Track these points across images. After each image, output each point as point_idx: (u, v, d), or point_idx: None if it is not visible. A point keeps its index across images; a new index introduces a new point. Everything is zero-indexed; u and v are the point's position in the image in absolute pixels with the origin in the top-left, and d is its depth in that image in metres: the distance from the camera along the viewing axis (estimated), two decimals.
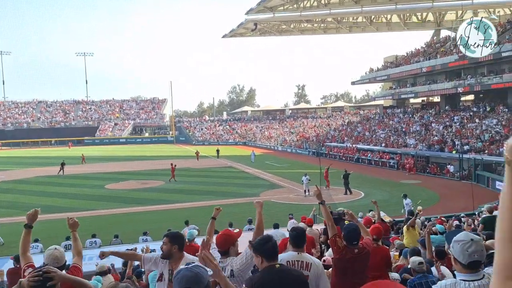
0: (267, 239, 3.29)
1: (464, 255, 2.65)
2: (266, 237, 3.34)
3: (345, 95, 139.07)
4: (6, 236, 17.69)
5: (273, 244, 3.26)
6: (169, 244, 4.05)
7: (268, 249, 3.20)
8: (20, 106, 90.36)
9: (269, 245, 3.21)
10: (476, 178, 28.28)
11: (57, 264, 3.76)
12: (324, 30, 64.95)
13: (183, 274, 2.26)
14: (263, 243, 3.23)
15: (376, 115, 60.96)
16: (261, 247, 3.21)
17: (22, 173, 38.80)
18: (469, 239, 2.68)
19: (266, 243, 3.23)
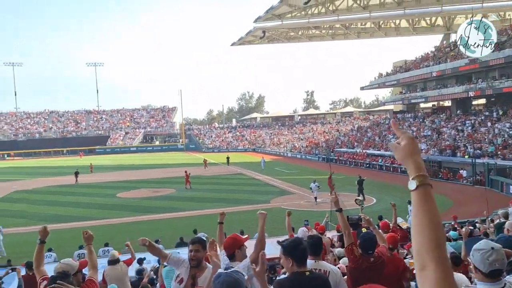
0: (299, 242, 3.22)
1: (484, 264, 2.60)
2: (298, 240, 3.28)
3: (354, 101, 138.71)
4: (18, 246, 17.85)
5: (305, 247, 3.21)
6: (202, 251, 3.99)
7: (299, 253, 3.14)
8: (32, 117, 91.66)
9: (301, 248, 3.15)
10: (490, 183, 27.88)
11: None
12: (332, 36, 64.99)
13: (224, 280, 2.34)
14: (295, 246, 3.16)
15: (386, 120, 60.60)
16: (292, 250, 3.15)
17: (34, 183, 39.24)
18: (489, 248, 2.64)
19: (298, 246, 3.16)
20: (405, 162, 1.48)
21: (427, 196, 1.39)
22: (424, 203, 1.37)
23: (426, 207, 1.36)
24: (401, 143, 1.50)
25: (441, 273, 1.23)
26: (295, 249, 3.15)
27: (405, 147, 1.48)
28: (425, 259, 1.27)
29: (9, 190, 34.78)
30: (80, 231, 15.80)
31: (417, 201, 1.38)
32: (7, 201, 30.03)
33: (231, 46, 68.56)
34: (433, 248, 1.27)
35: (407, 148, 1.47)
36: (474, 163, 30.59)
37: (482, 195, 18.67)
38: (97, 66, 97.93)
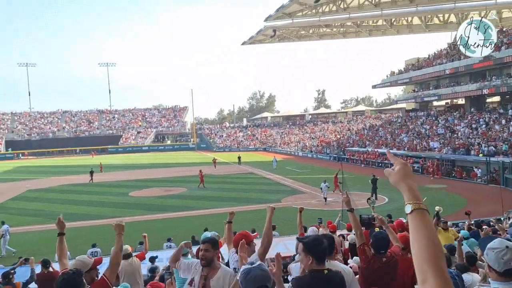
0: (321, 240, 3.21)
1: (499, 263, 2.55)
2: (319, 238, 3.26)
3: (366, 99, 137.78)
4: (32, 244, 18.10)
5: (325, 246, 3.21)
6: (212, 250, 3.97)
7: (320, 251, 3.14)
8: (45, 116, 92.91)
9: (322, 247, 3.15)
10: (505, 182, 27.44)
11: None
12: (344, 35, 64.53)
13: (255, 274, 2.36)
14: (317, 244, 3.15)
15: (398, 118, 60.07)
16: (313, 248, 3.14)
17: (48, 182, 39.76)
18: (504, 247, 2.57)
19: (319, 244, 3.15)
20: (399, 186, 1.65)
21: (423, 219, 1.54)
22: (420, 226, 1.52)
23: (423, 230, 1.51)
24: (395, 168, 1.69)
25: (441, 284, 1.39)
26: (316, 247, 3.13)
27: (399, 171, 1.67)
28: (426, 273, 1.42)
29: (23, 189, 35.29)
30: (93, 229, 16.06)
31: (414, 224, 1.54)
32: (21, 200, 30.48)
33: (241, 45, 68.57)
34: (432, 263, 1.42)
35: (400, 173, 1.66)
36: (489, 162, 30.14)
37: (496, 194, 18.42)
38: (109, 66, 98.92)
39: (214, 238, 4.28)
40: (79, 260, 3.90)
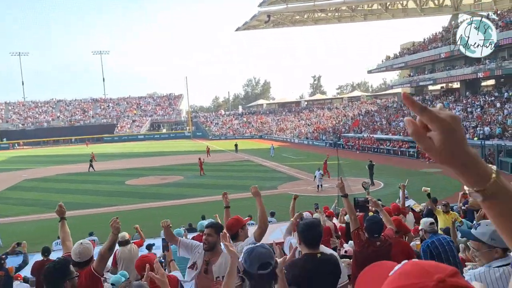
0: (312, 226, 3.20)
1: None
2: (311, 224, 3.24)
3: (361, 85, 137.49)
4: (30, 234, 18.12)
5: (317, 232, 3.20)
6: (215, 235, 3.97)
7: (310, 237, 3.15)
8: (39, 106, 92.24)
9: (312, 233, 3.15)
10: (500, 165, 27.64)
11: (79, 259, 3.81)
12: (339, 19, 64.11)
13: (258, 251, 2.42)
14: (307, 229, 3.16)
15: (394, 103, 60.10)
16: (304, 233, 3.16)
17: (44, 171, 39.64)
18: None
19: (310, 230, 3.16)
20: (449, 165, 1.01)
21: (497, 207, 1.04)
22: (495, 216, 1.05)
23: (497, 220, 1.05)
24: (434, 137, 0.96)
25: None
26: (306, 233, 3.15)
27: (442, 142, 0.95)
28: None
29: (20, 179, 35.20)
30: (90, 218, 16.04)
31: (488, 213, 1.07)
32: (17, 190, 30.43)
33: (235, 31, 68.07)
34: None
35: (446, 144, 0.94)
36: (483, 145, 30.32)
37: None
38: (102, 54, 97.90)
39: (218, 223, 4.31)
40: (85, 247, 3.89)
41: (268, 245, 3.91)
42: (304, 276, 2.93)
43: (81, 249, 3.85)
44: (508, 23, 38.22)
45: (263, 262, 2.38)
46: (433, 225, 5.23)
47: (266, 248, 2.47)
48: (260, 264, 2.38)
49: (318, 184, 24.83)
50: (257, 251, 2.43)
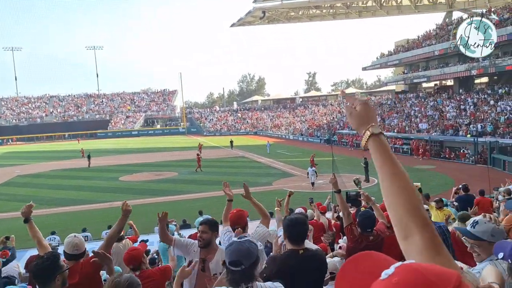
0: (296, 222, 3.17)
1: None
2: (296, 220, 3.20)
3: (356, 82, 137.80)
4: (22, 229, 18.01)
5: (302, 229, 3.18)
6: (210, 232, 3.95)
7: (295, 233, 3.13)
8: (33, 101, 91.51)
9: (297, 229, 3.13)
10: (492, 162, 27.87)
11: (77, 251, 3.79)
12: (333, 16, 64.06)
13: (235, 247, 2.36)
14: (292, 225, 3.14)
15: (388, 100, 60.30)
16: (289, 229, 3.14)
17: (37, 167, 39.40)
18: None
19: (295, 226, 3.14)
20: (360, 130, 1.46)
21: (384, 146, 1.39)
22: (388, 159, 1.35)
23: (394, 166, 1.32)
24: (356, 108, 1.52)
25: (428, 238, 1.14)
26: (291, 227, 3.14)
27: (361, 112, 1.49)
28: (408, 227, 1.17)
29: (13, 175, 34.96)
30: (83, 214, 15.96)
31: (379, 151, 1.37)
32: (10, 186, 30.22)
33: (230, 27, 67.86)
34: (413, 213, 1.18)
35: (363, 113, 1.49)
36: (476, 142, 30.53)
37: (484, 173, 18.71)
38: (96, 49, 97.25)
39: (212, 220, 4.25)
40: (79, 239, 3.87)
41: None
42: (285, 272, 2.90)
43: (77, 241, 3.84)
44: (502, 20, 38.40)
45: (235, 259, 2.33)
46: (428, 212, 5.28)
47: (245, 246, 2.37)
48: (231, 260, 2.34)
49: (312, 182, 24.69)
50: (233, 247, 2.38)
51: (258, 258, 2.40)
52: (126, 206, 4.02)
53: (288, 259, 3.00)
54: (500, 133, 30.98)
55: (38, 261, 3.08)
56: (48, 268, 3.02)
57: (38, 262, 3.07)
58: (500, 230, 2.80)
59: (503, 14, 39.83)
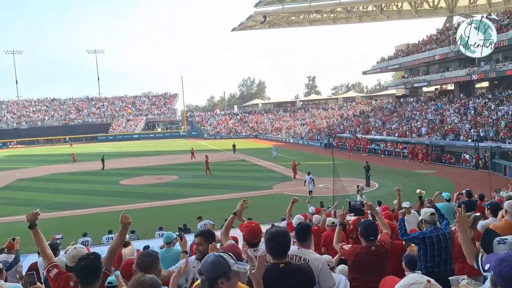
0: (276, 235, 3.08)
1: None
2: (275, 233, 3.11)
3: (356, 85, 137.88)
4: (24, 233, 17.98)
5: (282, 242, 3.09)
6: (206, 244, 3.81)
7: (274, 246, 3.06)
8: (34, 104, 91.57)
9: (276, 242, 3.06)
10: (493, 167, 27.81)
11: (75, 264, 3.76)
12: (334, 20, 64.25)
13: (206, 258, 2.42)
14: (271, 239, 3.07)
15: (388, 104, 60.32)
16: (269, 242, 3.08)
17: (38, 171, 39.39)
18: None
19: (276, 239, 3.06)
20: None
21: None
22: None
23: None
24: None
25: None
26: (271, 241, 3.07)
27: None
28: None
29: (13, 178, 34.95)
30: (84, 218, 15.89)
31: None
32: (10, 189, 30.21)
33: (231, 31, 68.02)
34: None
35: None
36: (477, 147, 30.49)
37: (485, 178, 18.68)
38: (97, 53, 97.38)
39: (207, 231, 4.17)
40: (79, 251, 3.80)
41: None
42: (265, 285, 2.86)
43: (75, 253, 3.76)
44: (502, 25, 38.46)
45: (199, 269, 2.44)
46: (434, 215, 5.28)
47: (213, 260, 2.38)
48: (198, 270, 2.45)
49: (310, 190, 23.19)
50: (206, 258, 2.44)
51: (226, 272, 2.35)
52: (126, 219, 3.96)
53: (267, 273, 2.89)
54: (501, 137, 30.96)
55: (87, 260, 3.13)
56: (97, 267, 3.13)
57: (87, 261, 3.12)
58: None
59: (504, 19, 39.92)
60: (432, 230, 5.11)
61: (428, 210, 5.41)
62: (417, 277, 1.90)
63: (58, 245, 7.72)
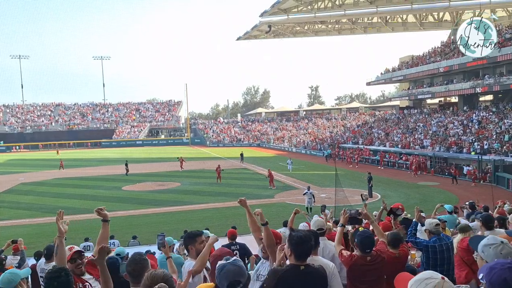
0: (305, 239, 3.22)
1: (498, 257, 2.61)
2: (304, 237, 3.24)
3: (360, 96, 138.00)
4: (26, 237, 18.03)
5: (310, 245, 3.25)
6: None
7: (302, 249, 3.19)
8: (38, 109, 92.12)
9: (305, 246, 3.19)
10: (496, 180, 27.70)
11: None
12: (339, 31, 64.56)
13: (228, 269, 2.45)
14: (300, 242, 3.19)
15: (392, 115, 60.34)
16: (296, 245, 3.19)
17: (41, 175, 39.53)
18: (499, 242, 2.67)
19: (303, 243, 3.19)
20: None
21: None
22: None
23: None
24: None
25: None
26: (299, 245, 3.18)
27: None
28: None
29: (16, 182, 35.09)
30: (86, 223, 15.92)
31: None
32: (14, 193, 30.31)
33: (236, 40, 68.36)
34: None
35: None
36: (481, 160, 30.40)
37: (488, 191, 18.60)
38: (103, 59, 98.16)
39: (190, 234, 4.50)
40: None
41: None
42: (285, 286, 2.97)
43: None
44: (506, 39, 38.59)
45: (232, 280, 2.43)
46: (438, 226, 5.37)
47: (237, 265, 2.50)
48: (230, 283, 2.44)
49: (307, 206, 20.92)
50: (227, 269, 2.48)
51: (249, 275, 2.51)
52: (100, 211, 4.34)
53: (288, 274, 3.06)
54: (505, 151, 30.88)
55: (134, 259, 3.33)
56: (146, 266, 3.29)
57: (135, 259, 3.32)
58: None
59: (507, 33, 40.05)
60: (435, 240, 5.21)
61: (433, 220, 5.54)
62: (431, 273, 1.99)
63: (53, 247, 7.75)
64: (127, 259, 3.58)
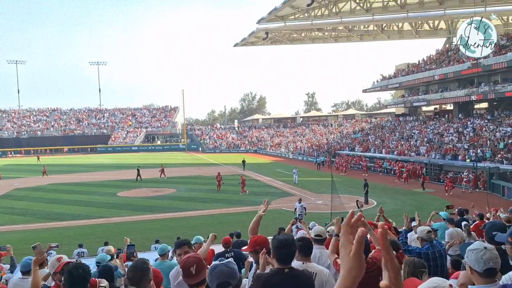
0: (285, 243, 3.21)
1: (479, 262, 2.71)
2: (285, 242, 3.23)
3: (356, 103, 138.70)
4: (19, 243, 17.88)
5: (291, 251, 3.23)
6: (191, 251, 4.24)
7: (281, 253, 3.18)
8: (34, 114, 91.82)
9: (285, 251, 3.18)
10: (491, 187, 27.79)
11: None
12: (335, 39, 64.96)
13: (220, 270, 2.48)
14: (280, 246, 3.18)
15: (388, 122, 60.59)
16: (276, 248, 3.20)
17: (36, 181, 39.30)
18: (482, 248, 2.76)
19: (284, 247, 3.18)
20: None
21: None
22: None
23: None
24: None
25: None
26: (280, 248, 3.19)
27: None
28: None
29: (11, 188, 34.86)
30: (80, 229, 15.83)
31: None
32: (8, 198, 30.11)
33: (234, 47, 68.60)
34: None
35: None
36: (476, 167, 30.51)
37: (482, 199, 18.66)
38: (100, 65, 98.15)
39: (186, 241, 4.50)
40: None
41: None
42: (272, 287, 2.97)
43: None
44: (501, 47, 38.95)
45: (222, 281, 2.45)
46: (430, 233, 5.42)
47: (229, 267, 2.51)
48: (219, 283, 2.45)
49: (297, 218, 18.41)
50: (219, 269, 2.50)
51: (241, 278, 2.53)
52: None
53: (272, 278, 3.05)
54: (499, 159, 31.03)
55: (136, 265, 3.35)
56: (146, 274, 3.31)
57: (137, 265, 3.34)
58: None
59: (502, 41, 40.43)
60: (428, 247, 5.20)
61: (424, 228, 5.55)
62: (439, 280, 1.98)
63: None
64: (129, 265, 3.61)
